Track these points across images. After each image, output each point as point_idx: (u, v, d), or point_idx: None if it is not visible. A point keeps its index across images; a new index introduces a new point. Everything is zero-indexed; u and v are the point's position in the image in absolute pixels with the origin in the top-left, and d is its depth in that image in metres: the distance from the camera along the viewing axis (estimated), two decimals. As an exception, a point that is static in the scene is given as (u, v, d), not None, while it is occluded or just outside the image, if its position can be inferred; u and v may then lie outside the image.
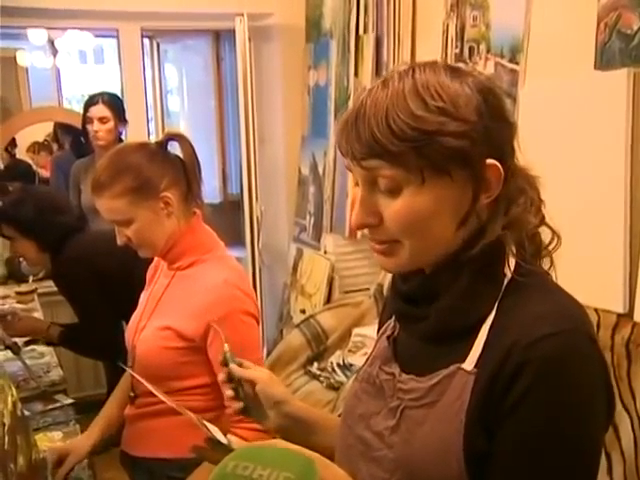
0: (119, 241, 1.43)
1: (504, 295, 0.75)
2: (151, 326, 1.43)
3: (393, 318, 0.90)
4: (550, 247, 0.80)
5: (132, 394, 1.50)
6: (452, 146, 0.71)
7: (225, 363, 1.01)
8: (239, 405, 0.99)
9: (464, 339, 0.75)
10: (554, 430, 0.69)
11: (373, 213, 0.76)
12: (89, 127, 2.88)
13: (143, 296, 1.56)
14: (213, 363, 1.37)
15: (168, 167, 1.42)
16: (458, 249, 0.76)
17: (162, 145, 1.45)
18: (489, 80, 0.77)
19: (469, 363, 0.73)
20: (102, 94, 2.94)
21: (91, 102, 2.91)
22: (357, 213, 0.77)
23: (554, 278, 0.80)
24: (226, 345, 1.01)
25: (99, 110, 2.86)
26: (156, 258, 1.56)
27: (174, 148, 1.48)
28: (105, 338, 2.11)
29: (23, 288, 2.87)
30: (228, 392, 1.00)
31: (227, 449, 0.81)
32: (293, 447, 0.71)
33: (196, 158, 1.46)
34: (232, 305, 1.36)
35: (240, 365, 1.01)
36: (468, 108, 0.72)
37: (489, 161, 0.73)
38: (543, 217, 0.80)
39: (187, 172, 1.44)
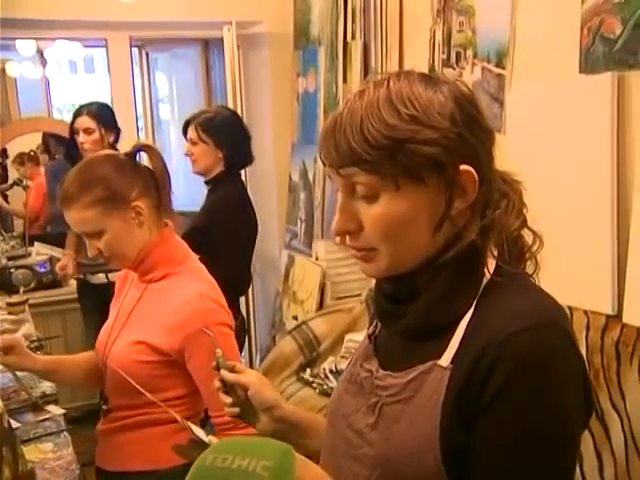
0: (90, 253, 1.41)
1: (482, 294, 0.76)
2: (122, 340, 1.42)
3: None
4: (533, 249, 0.81)
5: (105, 407, 1.48)
6: (424, 153, 0.72)
7: (217, 368, 1.01)
8: (234, 410, 1.00)
9: (442, 336, 0.76)
10: (530, 426, 0.69)
11: (353, 219, 0.78)
12: (76, 138, 2.90)
13: (112, 308, 1.54)
14: (193, 376, 1.38)
15: (138, 177, 1.41)
16: (436, 253, 0.77)
17: (131, 156, 1.45)
18: (467, 88, 0.79)
19: (445, 359, 0.74)
20: (89, 105, 2.96)
21: (77, 114, 2.94)
22: (337, 219, 0.79)
23: (537, 281, 0.81)
24: (218, 350, 1.02)
25: (84, 122, 2.88)
26: (124, 270, 1.55)
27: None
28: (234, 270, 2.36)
29: (14, 299, 2.84)
30: (223, 398, 1.01)
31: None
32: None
33: (166, 169, 1.45)
34: (209, 317, 1.36)
35: (232, 369, 1.02)
36: (441, 116, 0.73)
37: (463, 167, 0.74)
38: (525, 220, 0.81)
39: (157, 182, 1.43)
